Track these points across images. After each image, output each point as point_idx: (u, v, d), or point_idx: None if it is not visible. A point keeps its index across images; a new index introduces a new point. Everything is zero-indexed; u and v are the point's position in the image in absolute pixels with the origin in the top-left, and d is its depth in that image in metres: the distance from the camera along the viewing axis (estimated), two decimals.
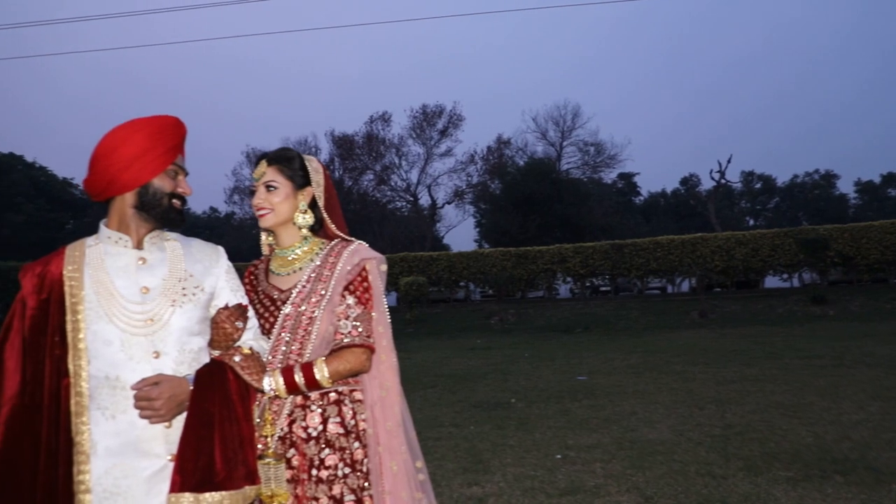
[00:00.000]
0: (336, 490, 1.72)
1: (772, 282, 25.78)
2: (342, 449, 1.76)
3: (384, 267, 1.90)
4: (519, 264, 24.85)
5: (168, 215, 1.67)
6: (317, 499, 1.71)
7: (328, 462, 1.74)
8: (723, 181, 33.51)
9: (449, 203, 41.44)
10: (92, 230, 1.73)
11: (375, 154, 39.49)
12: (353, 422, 1.79)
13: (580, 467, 4.80)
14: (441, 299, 26.63)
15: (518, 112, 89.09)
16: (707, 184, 47.44)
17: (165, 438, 1.56)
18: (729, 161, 32.38)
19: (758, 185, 66.33)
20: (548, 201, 36.87)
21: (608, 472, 4.63)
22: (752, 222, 62.93)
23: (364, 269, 1.85)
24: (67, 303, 1.57)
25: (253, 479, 1.59)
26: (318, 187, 1.91)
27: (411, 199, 41.58)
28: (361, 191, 39.84)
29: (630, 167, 54.20)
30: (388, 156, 39.93)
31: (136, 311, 1.58)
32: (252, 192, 1.91)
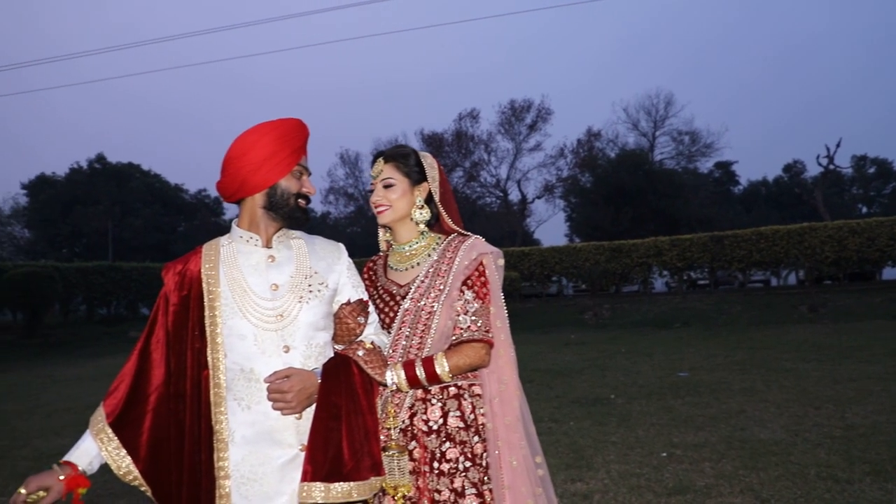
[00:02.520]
0: (457, 483, 1.74)
1: (891, 273, 23.94)
2: (462, 443, 1.77)
3: (501, 261, 1.90)
4: (613, 258, 24.28)
5: (294, 214, 1.73)
6: (439, 491, 1.74)
7: (449, 455, 1.76)
8: (831, 167, 31.38)
9: (539, 198, 41.10)
10: (201, 232, 1.82)
11: (465, 151, 39.68)
12: (472, 416, 1.80)
13: (688, 466, 4.64)
14: (533, 294, 26.44)
15: (608, 103, 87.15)
16: (813, 170, 44.78)
17: (297, 429, 1.63)
18: (838, 145, 30.23)
19: (871, 170, 61.76)
20: (641, 193, 35.85)
21: (719, 472, 4.46)
22: (864, 210, 58.71)
23: (481, 263, 1.86)
24: (205, 299, 1.66)
25: (378, 470, 1.63)
26: (433, 182, 1.94)
27: (501, 194, 41.51)
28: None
29: (727, 155, 51.49)
30: (478, 152, 40.04)
31: (268, 307, 1.65)
32: (370, 190, 1.95)
